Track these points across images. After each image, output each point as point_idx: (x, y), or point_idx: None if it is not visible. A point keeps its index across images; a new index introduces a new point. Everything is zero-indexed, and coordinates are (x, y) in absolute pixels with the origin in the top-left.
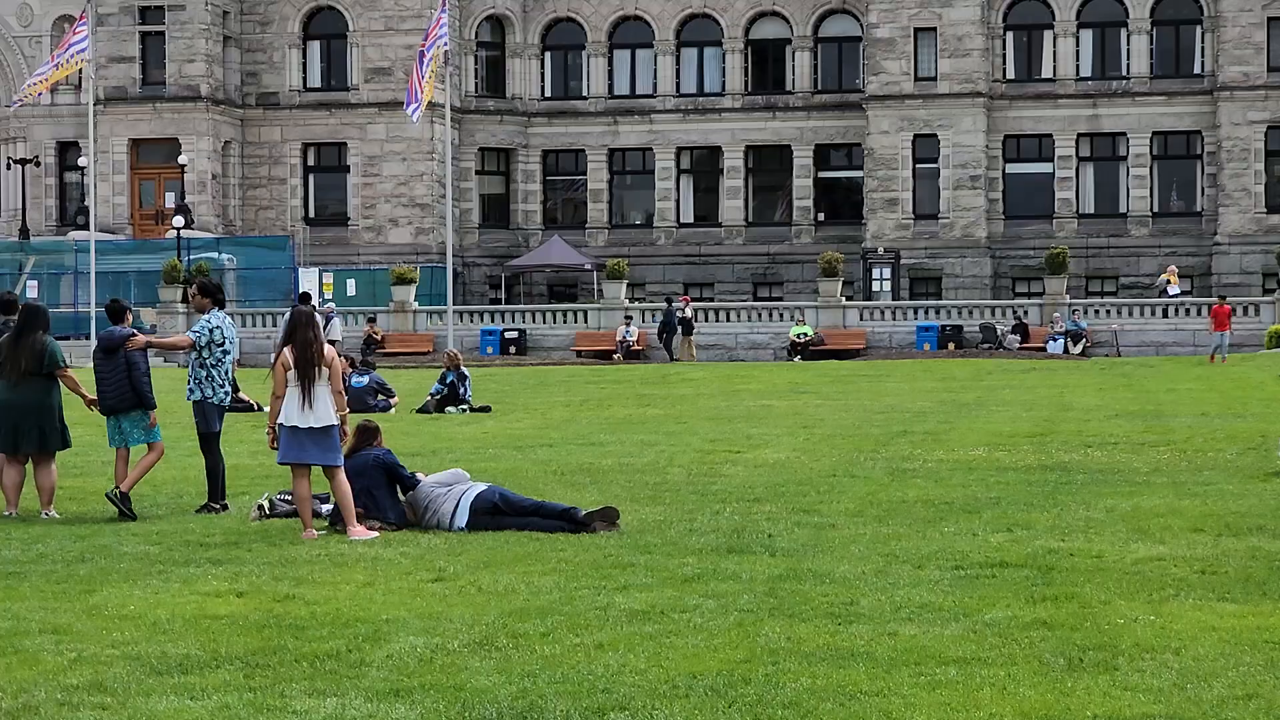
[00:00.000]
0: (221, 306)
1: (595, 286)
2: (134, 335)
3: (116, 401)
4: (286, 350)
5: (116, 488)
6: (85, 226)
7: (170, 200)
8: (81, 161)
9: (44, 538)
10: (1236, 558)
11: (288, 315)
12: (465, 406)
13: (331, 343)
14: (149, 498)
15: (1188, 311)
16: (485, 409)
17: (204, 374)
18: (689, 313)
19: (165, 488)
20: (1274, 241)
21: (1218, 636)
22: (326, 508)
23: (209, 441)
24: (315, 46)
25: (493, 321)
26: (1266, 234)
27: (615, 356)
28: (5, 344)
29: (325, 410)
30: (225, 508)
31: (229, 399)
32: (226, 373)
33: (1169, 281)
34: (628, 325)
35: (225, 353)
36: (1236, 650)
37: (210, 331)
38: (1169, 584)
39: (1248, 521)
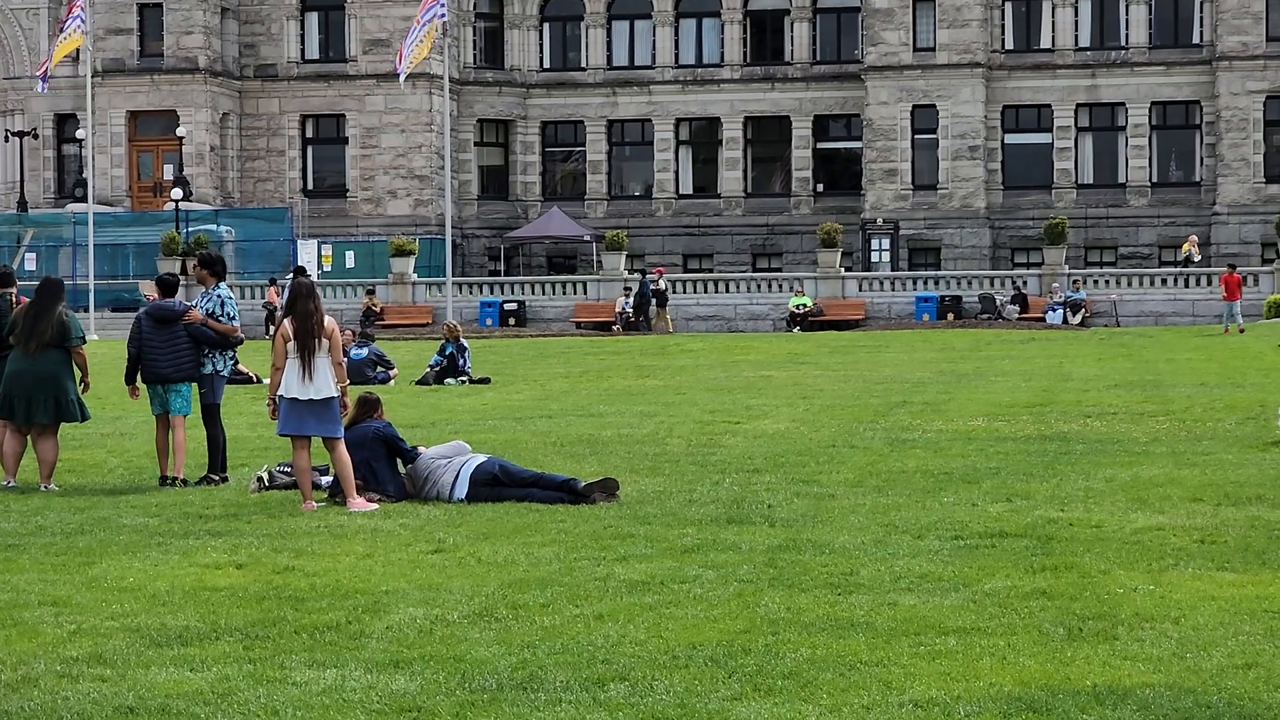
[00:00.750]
0: (222, 279)
1: (594, 258)
2: (191, 309)
3: (172, 371)
4: (286, 322)
5: (176, 476)
6: (83, 199)
7: (168, 172)
8: (79, 134)
9: (43, 510)
10: (1236, 527)
11: (286, 287)
12: (464, 378)
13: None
14: (149, 470)
15: (1186, 282)
16: (484, 380)
17: (212, 349)
18: (663, 285)
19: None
20: (1273, 211)
21: (1217, 606)
22: (326, 480)
23: (212, 413)
24: (313, 18)
25: (492, 293)
26: (1265, 204)
27: (614, 328)
28: (21, 316)
29: (325, 382)
30: (225, 479)
31: (231, 370)
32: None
33: (1193, 252)
34: (627, 296)
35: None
36: (1236, 619)
37: (222, 304)
38: (1168, 553)
39: (1247, 491)
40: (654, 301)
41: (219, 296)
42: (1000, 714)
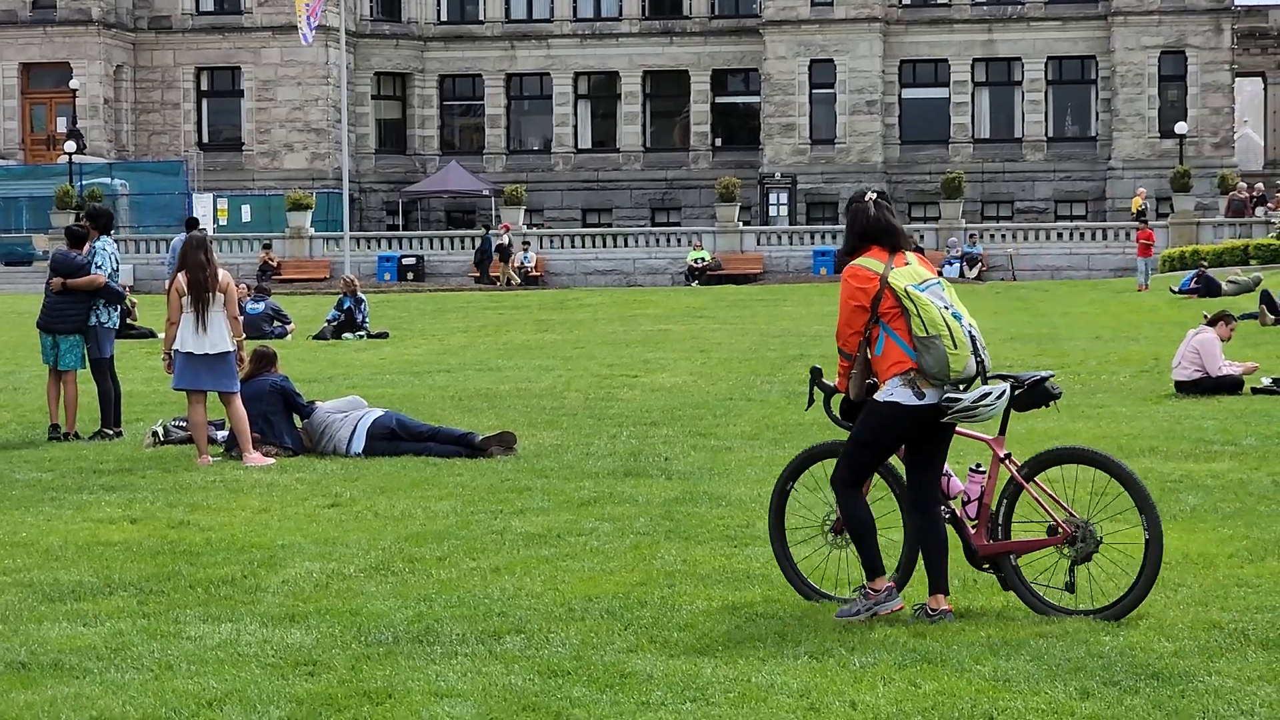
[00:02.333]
0: (108, 233)
1: (493, 212)
2: (83, 265)
3: (59, 323)
4: (180, 275)
5: (69, 431)
6: None
7: (62, 125)
8: None
9: None
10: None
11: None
12: (362, 333)
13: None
14: (41, 425)
15: (1082, 236)
16: (383, 335)
17: (97, 299)
18: (507, 240)
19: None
20: (1167, 166)
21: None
22: (222, 434)
23: (100, 367)
24: None
25: (390, 247)
26: (1160, 158)
27: (513, 282)
28: None
29: (221, 336)
30: (119, 434)
31: (119, 323)
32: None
33: (1146, 206)
34: (525, 250)
35: (115, 278)
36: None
37: (108, 258)
38: None
39: (1140, 443)
40: (496, 255)
41: (92, 248)
42: (895, 665)
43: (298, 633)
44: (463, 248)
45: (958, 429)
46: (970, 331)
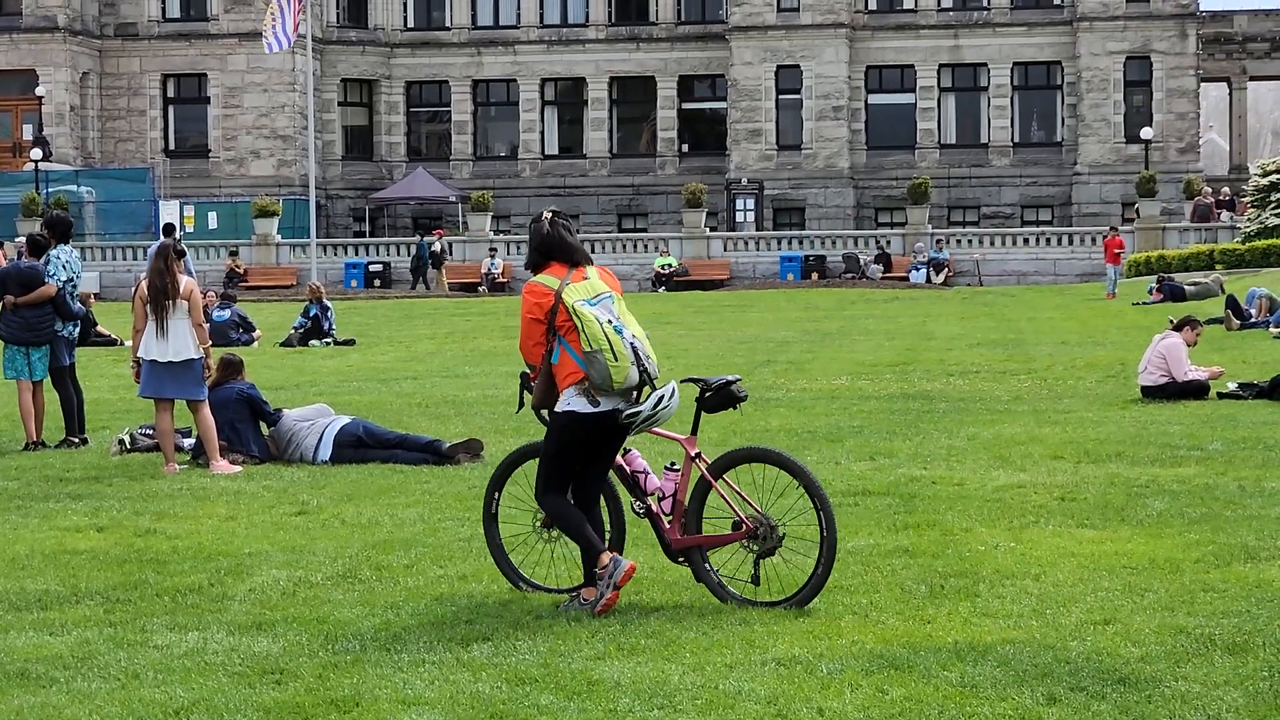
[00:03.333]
0: (67, 241)
1: (460, 219)
2: (38, 273)
3: (27, 334)
4: (143, 283)
5: (38, 442)
6: None
7: (28, 132)
8: None
9: None
10: (1095, 484)
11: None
12: (329, 340)
13: None
14: (7, 433)
15: (1048, 241)
16: (349, 342)
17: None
18: (438, 247)
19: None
20: (1133, 171)
21: (1076, 562)
22: (189, 442)
23: (60, 375)
24: None
25: (357, 254)
26: (1125, 164)
27: (480, 289)
28: None
29: (184, 344)
30: (85, 442)
31: (77, 331)
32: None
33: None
34: (492, 257)
35: (74, 287)
36: (1094, 575)
37: (63, 268)
38: (1029, 511)
39: (1106, 448)
40: (430, 263)
41: (47, 257)
42: (862, 671)
43: (265, 641)
44: None
45: (654, 429)
46: (632, 343)
